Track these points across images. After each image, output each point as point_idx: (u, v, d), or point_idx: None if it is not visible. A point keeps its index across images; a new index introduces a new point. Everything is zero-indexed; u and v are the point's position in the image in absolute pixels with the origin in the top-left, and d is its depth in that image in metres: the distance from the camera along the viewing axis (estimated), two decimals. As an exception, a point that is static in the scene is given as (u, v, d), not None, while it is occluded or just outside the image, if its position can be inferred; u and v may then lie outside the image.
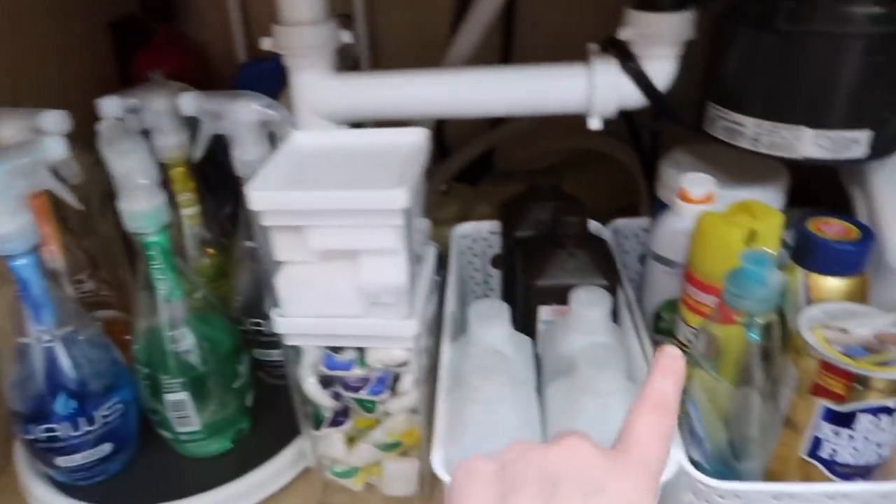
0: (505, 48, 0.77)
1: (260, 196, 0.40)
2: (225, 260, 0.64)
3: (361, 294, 0.43)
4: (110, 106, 0.56)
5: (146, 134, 0.58)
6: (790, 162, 0.48)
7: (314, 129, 0.54)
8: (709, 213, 0.44)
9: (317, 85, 0.52)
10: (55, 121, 0.52)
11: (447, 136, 0.85)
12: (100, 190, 0.61)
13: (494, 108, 0.52)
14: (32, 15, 0.62)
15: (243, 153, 0.53)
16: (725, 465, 0.41)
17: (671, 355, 0.28)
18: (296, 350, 0.47)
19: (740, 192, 0.52)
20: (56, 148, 0.49)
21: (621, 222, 0.66)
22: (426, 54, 0.81)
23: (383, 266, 0.42)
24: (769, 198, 0.53)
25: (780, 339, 0.38)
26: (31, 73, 0.62)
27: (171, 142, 0.58)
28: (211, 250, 0.66)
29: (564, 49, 0.73)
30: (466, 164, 0.84)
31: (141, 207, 0.47)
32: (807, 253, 0.44)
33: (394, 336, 0.44)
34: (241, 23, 0.82)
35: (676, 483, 0.40)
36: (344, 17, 0.78)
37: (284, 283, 0.44)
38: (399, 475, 0.52)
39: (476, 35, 0.57)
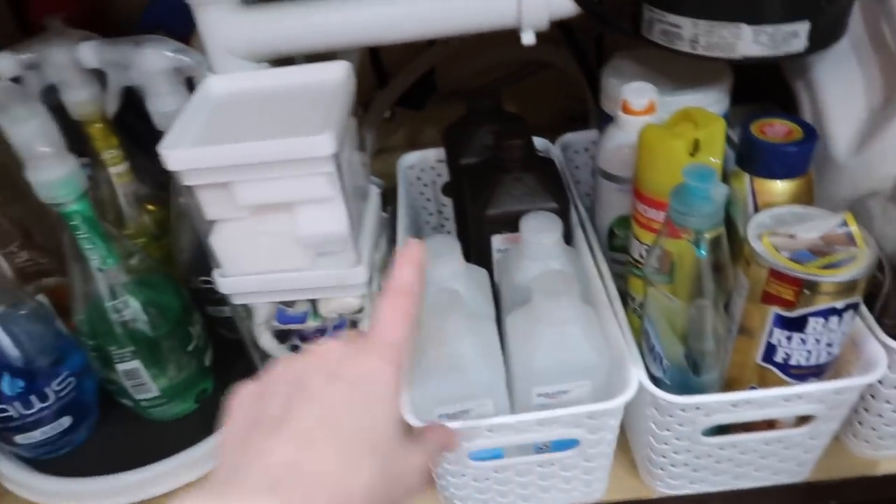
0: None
1: (174, 155, 0.37)
2: (168, 215, 0.61)
3: (303, 246, 0.41)
4: (4, 63, 0.51)
5: (53, 91, 0.54)
6: (731, 62, 0.47)
7: (231, 70, 0.50)
8: (650, 126, 0.43)
9: (225, 20, 0.48)
10: (-57, 87, 0.48)
11: (384, 60, 0.81)
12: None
13: (420, 30, 0.49)
14: None
15: (159, 104, 0.49)
16: (685, 378, 0.41)
17: (410, 245, 0.32)
18: (246, 308, 0.45)
19: (685, 98, 0.51)
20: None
21: (570, 137, 0.64)
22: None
23: (321, 215, 0.40)
24: (714, 100, 0.52)
25: (728, 251, 0.38)
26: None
27: (81, 96, 0.54)
28: (151, 206, 0.63)
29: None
30: (408, 87, 0.80)
31: (50, 176, 0.43)
32: (751, 157, 0.44)
33: (344, 285, 0.43)
34: (144, -47, 0.74)
35: (639, 400, 0.40)
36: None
37: (221, 243, 0.42)
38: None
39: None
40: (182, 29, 0.71)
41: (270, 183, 0.38)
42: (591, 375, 0.42)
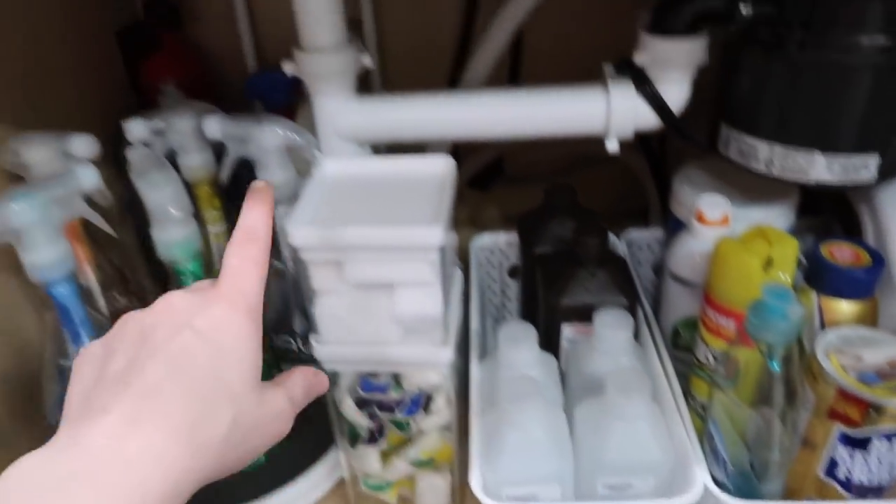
0: (513, 63, 0.78)
1: (301, 233, 0.42)
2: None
3: (398, 323, 0.45)
4: (137, 129, 0.57)
5: (171, 154, 0.59)
6: (803, 185, 0.50)
7: (336, 151, 0.55)
8: (726, 240, 0.46)
9: (339, 109, 0.53)
10: (83, 145, 0.54)
11: (457, 143, 0.86)
12: (118, 199, 0.62)
13: (513, 131, 0.54)
14: (44, 32, 0.63)
15: (268, 176, 0.54)
16: (748, 483, 0.43)
17: (257, 188, 0.31)
18: (334, 374, 0.49)
19: (754, 211, 0.54)
20: (89, 177, 0.50)
21: (635, 234, 0.67)
22: (432, 58, 0.82)
23: (419, 297, 0.44)
24: (781, 214, 0.55)
25: (799, 366, 0.40)
26: (47, 88, 0.63)
27: (196, 161, 0.59)
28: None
29: (571, 61, 0.75)
30: (478, 169, 0.85)
31: (174, 237, 0.48)
32: (820, 277, 0.46)
33: (430, 362, 0.46)
34: (250, 30, 0.82)
35: (702, 501, 0.42)
36: (353, 22, 0.78)
37: (322, 313, 0.45)
38: (432, 489, 0.54)
39: (490, 60, 0.58)
40: (280, 102, 0.78)
41: (379, 264, 0.42)
42: (656, 472, 0.44)
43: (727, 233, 0.50)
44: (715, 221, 0.50)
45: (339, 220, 0.43)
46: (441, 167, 0.47)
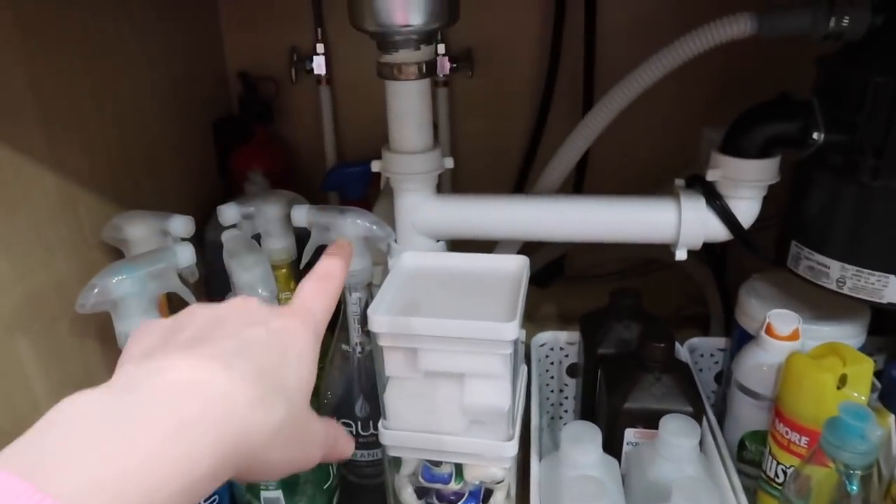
0: (579, 171, 0.82)
1: (381, 321, 0.44)
2: (321, 355, 0.67)
3: (465, 414, 0.46)
4: (229, 213, 0.61)
5: (256, 237, 0.63)
6: (875, 305, 0.50)
7: (413, 243, 0.58)
8: (798, 356, 0.46)
9: (420, 206, 0.57)
10: (182, 225, 0.58)
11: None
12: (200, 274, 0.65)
13: (584, 235, 0.56)
14: (152, 120, 0.69)
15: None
16: None
17: (341, 244, 0.34)
18: (396, 460, 0.49)
19: (824, 329, 0.54)
20: (186, 255, 0.53)
21: (697, 341, 0.68)
22: (501, 161, 0.87)
23: (488, 389, 0.45)
24: (852, 334, 0.54)
25: (878, 488, 0.39)
26: (147, 170, 0.68)
27: (280, 245, 0.63)
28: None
29: (631, 172, 0.79)
30: (539, 267, 0.87)
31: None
32: (897, 399, 0.46)
33: (495, 456, 0.46)
34: (332, 126, 0.88)
35: None
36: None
37: (392, 398, 0.47)
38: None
39: (563, 172, 0.61)
40: (354, 194, 0.82)
41: (452, 355, 0.44)
42: (724, 590, 0.42)
43: (797, 347, 0.50)
44: (785, 336, 0.50)
45: (417, 310, 0.45)
46: (516, 266, 0.50)
